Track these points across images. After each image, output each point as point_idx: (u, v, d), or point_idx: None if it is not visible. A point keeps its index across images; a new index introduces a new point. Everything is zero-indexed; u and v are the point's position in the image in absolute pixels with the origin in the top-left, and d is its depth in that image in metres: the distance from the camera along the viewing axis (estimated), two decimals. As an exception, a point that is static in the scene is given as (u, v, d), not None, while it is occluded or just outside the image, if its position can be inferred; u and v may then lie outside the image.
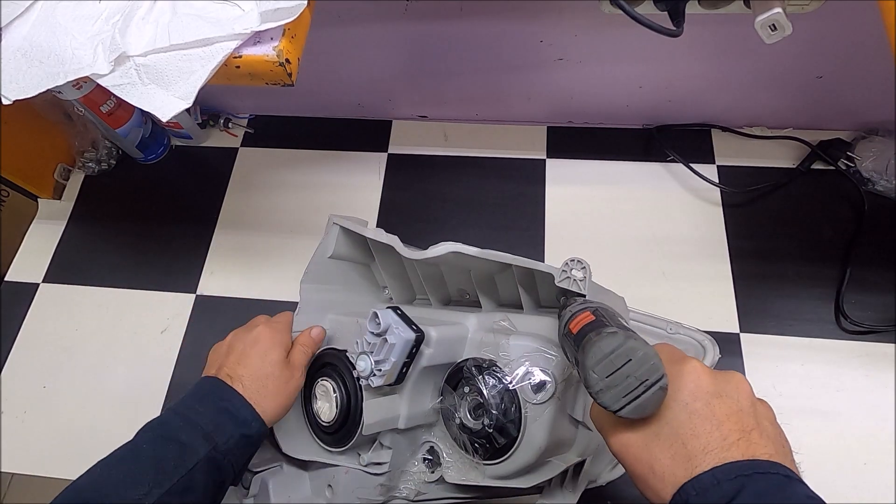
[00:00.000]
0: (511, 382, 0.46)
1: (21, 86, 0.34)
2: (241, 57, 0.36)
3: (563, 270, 0.45)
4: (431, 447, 0.52)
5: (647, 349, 0.31)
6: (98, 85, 0.35)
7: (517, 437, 0.45)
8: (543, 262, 0.66)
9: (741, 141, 0.71)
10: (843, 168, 0.67)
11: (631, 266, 0.65)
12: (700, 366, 0.32)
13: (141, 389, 0.63)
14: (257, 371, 0.46)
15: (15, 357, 0.66)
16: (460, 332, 0.51)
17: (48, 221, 0.75)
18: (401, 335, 0.46)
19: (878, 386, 0.57)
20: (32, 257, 0.72)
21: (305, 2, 0.35)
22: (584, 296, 0.43)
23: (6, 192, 0.75)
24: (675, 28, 0.44)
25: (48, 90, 0.34)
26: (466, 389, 0.48)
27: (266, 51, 0.36)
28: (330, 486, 0.53)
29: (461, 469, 0.50)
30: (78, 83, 0.63)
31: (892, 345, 0.58)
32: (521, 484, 0.46)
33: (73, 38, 0.35)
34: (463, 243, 0.49)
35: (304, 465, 0.55)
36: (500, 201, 0.70)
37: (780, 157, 0.69)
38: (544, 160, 0.72)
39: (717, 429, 0.29)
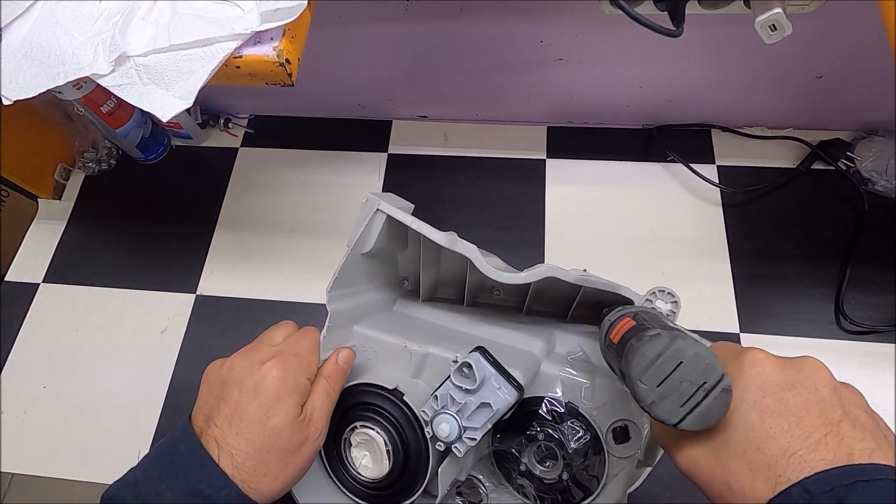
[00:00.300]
0: (602, 434, 0.40)
1: (21, 86, 0.34)
2: (241, 57, 0.36)
3: (648, 299, 0.40)
4: (469, 479, 0.44)
5: (698, 348, 0.27)
6: (98, 85, 0.35)
7: (595, 492, 0.40)
8: (544, 262, 0.66)
9: (741, 141, 0.71)
10: (843, 168, 0.67)
11: (631, 266, 0.65)
12: (763, 355, 0.28)
13: (141, 389, 0.63)
14: (254, 442, 0.33)
15: (15, 357, 0.66)
16: (534, 367, 0.43)
17: (48, 221, 0.75)
18: (502, 398, 0.37)
19: (878, 386, 0.57)
20: (32, 257, 0.72)
21: (306, 2, 0.35)
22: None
23: (6, 192, 0.75)
24: (675, 28, 0.44)
25: (48, 90, 0.34)
26: (540, 436, 0.41)
27: (266, 51, 0.36)
28: None
29: None
30: (78, 83, 0.63)
31: (893, 345, 0.58)
32: None
33: (73, 39, 0.35)
34: (478, 247, 0.44)
35: None
36: (500, 201, 0.70)
37: (780, 157, 0.69)
38: (544, 160, 0.72)
39: (796, 426, 0.25)
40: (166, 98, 0.33)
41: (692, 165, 0.68)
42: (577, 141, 0.73)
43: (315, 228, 0.71)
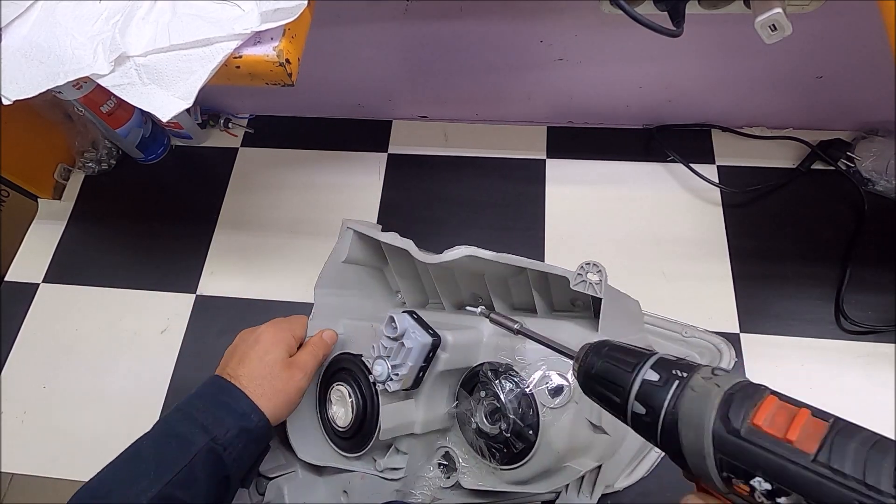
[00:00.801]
0: (528, 386, 0.46)
1: (21, 86, 0.34)
2: (241, 57, 0.36)
3: (579, 274, 0.45)
4: (447, 452, 0.52)
5: None
6: (98, 85, 0.35)
7: (534, 441, 0.45)
8: (545, 262, 0.66)
9: (741, 141, 0.71)
10: (844, 168, 0.67)
11: (631, 266, 0.65)
12: None
13: (141, 389, 0.63)
14: (254, 371, 0.46)
15: (15, 357, 0.66)
16: (476, 337, 0.51)
17: (48, 221, 0.75)
18: (418, 339, 0.45)
19: (878, 386, 0.56)
20: (32, 257, 0.72)
21: (305, 2, 0.35)
22: (600, 300, 0.42)
23: (6, 192, 0.75)
24: (675, 28, 0.44)
25: (48, 90, 0.34)
26: (483, 394, 0.48)
27: (266, 51, 0.36)
28: (345, 491, 0.52)
29: (477, 474, 0.50)
30: (78, 83, 0.63)
31: (893, 345, 0.58)
32: (537, 489, 0.46)
33: (73, 39, 0.35)
34: (476, 246, 0.49)
35: (319, 470, 0.54)
36: (501, 201, 0.70)
37: (780, 157, 0.69)
38: (544, 160, 0.72)
39: None
40: (166, 98, 0.33)
41: (692, 165, 0.68)
42: (577, 141, 0.73)
43: (315, 228, 0.71)
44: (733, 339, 0.60)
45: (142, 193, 0.76)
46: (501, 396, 0.46)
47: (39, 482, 0.61)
